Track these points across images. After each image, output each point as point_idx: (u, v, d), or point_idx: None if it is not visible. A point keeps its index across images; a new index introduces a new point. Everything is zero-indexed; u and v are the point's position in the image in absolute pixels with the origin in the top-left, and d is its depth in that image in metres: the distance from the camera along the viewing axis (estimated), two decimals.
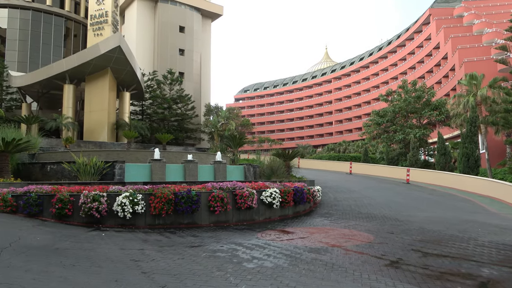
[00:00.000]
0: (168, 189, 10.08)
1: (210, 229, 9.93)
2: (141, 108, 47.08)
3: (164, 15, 52.90)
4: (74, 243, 7.37)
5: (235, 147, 23.37)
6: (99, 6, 38.26)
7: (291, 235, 9.30)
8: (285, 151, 20.44)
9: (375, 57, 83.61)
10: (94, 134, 34.81)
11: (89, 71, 34.04)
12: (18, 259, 5.69)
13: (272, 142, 75.95)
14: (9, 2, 47.90)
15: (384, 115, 37.38)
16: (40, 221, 9.23)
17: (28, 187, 10.02)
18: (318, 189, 14.93)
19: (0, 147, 12.50)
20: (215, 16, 59.77)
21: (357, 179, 26.97)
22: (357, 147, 50.96)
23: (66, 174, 13.70)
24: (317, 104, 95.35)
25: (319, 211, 13.77)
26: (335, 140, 77.01)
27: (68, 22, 52.11)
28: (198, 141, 51.73)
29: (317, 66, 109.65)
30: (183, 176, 15.44)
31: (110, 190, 9.88)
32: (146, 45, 52.68)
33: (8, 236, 7.24)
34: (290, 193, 12.23)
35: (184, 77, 51.80)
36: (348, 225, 10.81)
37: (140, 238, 8.33)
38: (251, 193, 11.13)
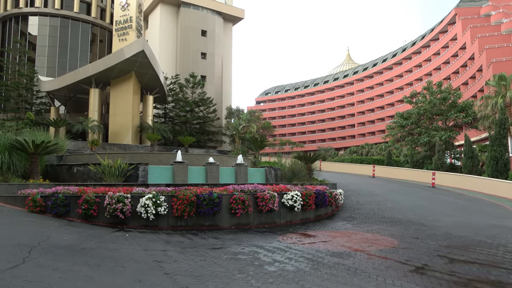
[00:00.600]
0: (190, 191, 10.18)
1: (232, 231, 9.96)
2: (164, 111, 47.81)
3: (186, 20, 53.66)
4: (99, 243, 7.54)
5: (256, 150, 23.38)
6: (123, 12, 39.19)
7: (313, 238, 9.22)
8: (306, 154, 20.30)
9: (398, 58, 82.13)
10: (118, 137, 35.59)
11: (114, 75, 34.86)
12: (46, 258, 5.86)
13: (293, 144, 75.60)
14: (40, 10, 49.76)
15: (409, 117, 36.59)
16: (67, 221, 9.50)
17: (56, 188, 10.33)
18: (340, 192, 14.75)
19: (30, 149, 12.94)
20: (237, 19, 60.17)
21: (380, 183, 26.49)
22: (380, 149, 50.08)
23: (92, 175, 14.05)
24: (339, 106, 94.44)
25: (341, 214, 13.60)
26: (357, 142, 76.01)
27: (94, 28, 53.65)
28: (220, 144, 52.07)
29: (339, 68, 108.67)
30: (205, 178, 15.56)
31: (134, 191, 10.06)
32: (169, 49, 53.55)
33: (37, 235, 7.48)
34: (311, 196, 12.14)
35: (206, 80, 52.32)
36: (371, 229, 10.63)
37: (163, 239, 8.44)
38: (272, 196, 11.10)
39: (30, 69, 42.59)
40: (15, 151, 13.16)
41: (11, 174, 12.76)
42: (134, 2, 38.76)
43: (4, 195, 10.63)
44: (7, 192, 10.73)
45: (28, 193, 10.17)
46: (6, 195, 10.60)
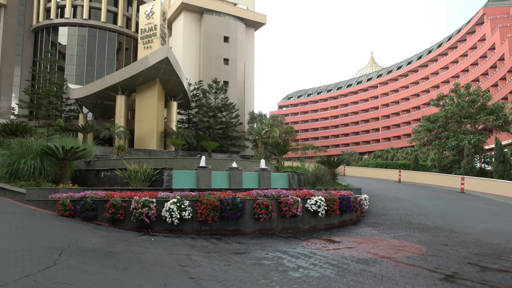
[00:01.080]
0: (214, 196, 10.25)
1: (255, 236, 9.95)
2: (188, 116, 48.48)
3: (209, 26, 54.41)
4: (126, 246, 7.69)
5: (279, 155, 23.33)
6: (148, 20, 40.15)
7: (338, 244, 9.09)
8: (330, 158, 20.08)
9: (424, 60, 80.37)
10: (144, 142, 36.33)
11: (140, 82, 35.67)
12: (76, 261, 6.03)
13: (316, 149, 74.96)
14: (69, 21, 51.70)
15: (435, 121, 35.64)
16: (95, 225, 9.74)
17: (84, 193, 10.62)
18: (365, 198, 14.50)
19: (60, 154, 13.38)
20: (259, 25, 60.52)
21: (407, 188, 25.87)
22: (406, 154, 48.95)
23: (119, 180, 14.38)
24: (363, 110, 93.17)
25: (366, 220, 13.35)
26: (382, 147, 74.65)
27: (120, 36, 55.17)
28: (242, 149, 52.28)
29: (362, 71, 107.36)
30: (228, 183, 15.63)
31: (159, 196, 10.22)
32: (192, 56, 54.38)
33: (67, 238, 7.71)
34: (335, 201, 11.98)
35: (229, 85, 52.78)
36: (398, 236, 10.38)
37: (187, 244, 8.52)
38: (296, 201, 11.03)
39: (60, 78, 44.19)
40: (46, 156, 13.63)
41: (43, 179, 13.21)
42: (158, 11, 39.66)
43: (36, 199, 11.02)
44: (38, 196, 11.12)
45: (58, 198, 10.50)
46: (38, 199, 10.99)
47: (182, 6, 53.79)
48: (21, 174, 12.92)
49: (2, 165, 13.36)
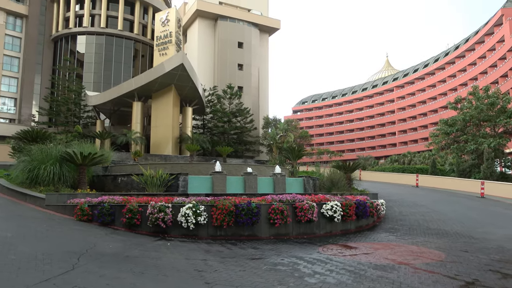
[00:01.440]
0: (229, 201, 10.26)
1: (270, 242, 9.91)
2: (202, 122, 48.84)
3: (223, 32, 54.87)
4: (143, 251, 7.76)
5: (294, 159, 23.25)
6: (164, 28, 40.75)
7: (354, 250, 8.97)
8: (345, 163, 19.89)
9: (441, 63, 79.14)
10: (159, 148, 36.73)
11: (155, 88, 36.16)
12: (94, 265, 6.11)
13: (332, 153, 74.48)
14: (87, 29, 52.93)
15: (453, 124, 34.97)
16: (112, 229, 9.87)
17: (102, 198, 10.78)
18: (382, 203, 14.29)
19: (78, 160, 13.64)
20: (273, 30, 60.71)
21: (425, 193, 25.41)
22: (423, 158, 48.10)
23: (135, 185, 14.55)
24: (379, 114, 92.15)
25: (383, 226, 13.15)
26: (399, 151, 73.60)
27: (136, 44, 56.16)
28: (257, 154, 52.31)
29: (378, 75, 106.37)
30: (243, 188, 15.64)
31: (174, 201, 10.29)
32: (207, 62, 54.89)
33: (85, 243, 7.83)
34: (351, 207, 11.85)
35: (243, 91, 53.02)
36: (416, 242, 10.19)
37: (203, 249, 8.54)
38: (311, 206, 10.95)
39: (78, 85, 45.20)
40: (65, 162, 13.91)
41: (62, 184, 13.48)
42: (173, 18, 40.23)
43: (55, 204, 11.25)
44: (57, 201, 11.34)
45: (76, 203, 10.69)
46: (57, 204, 11.22)
47: (197, 13, 54.45)
48: (41, 179, 13.21)
49: (23, 171, 13.69)
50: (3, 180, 14.39)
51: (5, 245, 6.68)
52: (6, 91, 52.92)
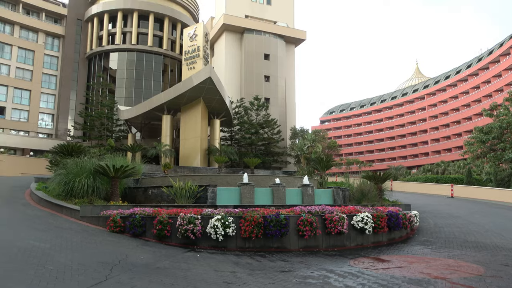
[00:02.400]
0: (257, 213, 10.23)
1: (300, 254, 9.77)
2: (230, 134, 49.27)
3: (249, 45, 55.53)
4: (173, 263, 7.84)
5: (322, 170, 22.97)
6: (191, 43, 41.72)
7: (387, 263, 8.69)
8: (376, 173, 19.44)
9: (474, 69, 76.50)
10: (188, 160, 37.28)
11: (184, 101, 36.90)
12: (126, 276, 6.23)
13: (361, 164, 72.96)
14: (119, 47, 55.08)
15: (489, 132, 33.59)
16: (143, 241, 10.04)
17: (133, 210, 11.02)
18: (415, 214, 13.82)
19: (111, 173, 14.05)
20: (299, 41, 60.86)
21: (460, 203, 24.39)
22: (458, 167, 46.32)
23: (165, 197, 14.80)
24: (410, 122, 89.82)
25: (417, 238, 12.69)
26: (431, 160, 71.27)
27: (165, 59, 57.79)
28: (285, 165, 52.09)
29: (407, 82, 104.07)
30: (271, 199, 15.58)
31: (203, 213, 10.37)
32: (234, 74, 55.60)
33: (117, 254, 8.01)
34: (383, 218, 11.53)
35: (270, 102, 53.22)
36: (453, 255, 9.75)
37: (232, 261, 8.53)
38: (341, 218, 10.75)
39: (110, 100, 46.85)
40: (98, 175, 14.37)
41: (95, 196, 13.91)
42: (201, 33, 41.12)
43: (89, 215, 11.60)
44: (91, 213, 11.70)
45: (109, 214, 10.98)
46: (91, 216, 11.57)
47: (224, 27, 55.47)
48: (76, 192, 13.68)
49: (60, 183, 14.24)
50: (41, 193, 15.01)
51: (43, 256, 6.93)
52: (45, 108, 55.58)
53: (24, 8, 55.59)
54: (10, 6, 54.47)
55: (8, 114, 51.58)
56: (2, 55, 52.25)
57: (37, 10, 56.67)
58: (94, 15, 56.75)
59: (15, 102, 52.52)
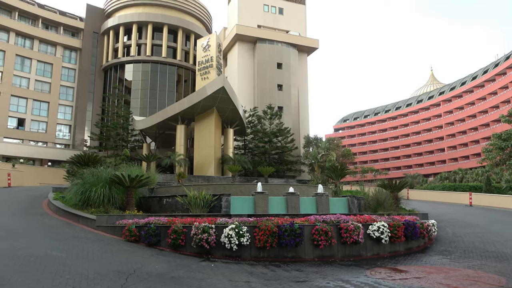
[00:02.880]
0: (272, 222, 10.18)
1: (315, 264, 9.66)
2: (244, 143, 49.39)
3: (262, 55, 55.88)
4: (187, 272, 7.84)
5: (336, 179, 22.75)
6: (205, 53, 42.24)
7: (405, 274, 8.52)
8: (391, 182, 19.16)
9: (490, 74, 75.19)
10: (202, 169, 37.47)
11: (198, 111, 37.24)
12: (141, 285, 6.25)
13: (376, 172, 72.08)
14: (134, 58, 56.20)
15: (508, 138, 32.86)
16: (158, 250, 10.08)
17: (148, 219, 11.09)
18: (433, 223, 13.53)
19: (126, 182, 14.20)
20: (311, 50, 60.98)
21: (479, 212, 23.80)
22: (476, 175, 45.25)
23: (179, 206, 14.87)
24: (425, 129, 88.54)
25: (435, 248, 12.41)
26: (448, 168, 69.94)
27: (179, 69, 58.65)
28: (299, 173, 51.86)
29: (422, 89, 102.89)
30: (285, 208, 15.48)
31: (217, 222, 10.37)
32: (247, 83, 55.93)
33: (133, 263, 8.05)
34: (400, 227, 11.32)
35: (283, 111, 53.26)
36: (472, 265, 9.50)
37: (246, 270, 8.48)
38: (356, 227, 10.60)
39: (126, 111, 47.64)
40: (114, 184, 14.54)
41: (111, 206, 14.06)
42: (214, 43, 41.62)
43: (105, 225, 11.73)
44: (107, 222, 11.82)
45: (124, 224, 11.08)
46: (106, 225, 11.69)
47: (236, 37, 56.01)
48: (92, 201, 13.86)
49: (76, 193, 14.45)
50: (59, 202, 15.26)
51: (60, 265, 7.03)
52: (62, 119, 56.84)
53: (44, 23, 57.28)
54: (30, 22, 56.21)
55: (27, 126, 52.89)
56: (22, 68, 53.83)
57: (56, 24, 58.32)
58: (110, 28, 58.12)
59: (34, 113, 53.87)
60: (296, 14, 61.42)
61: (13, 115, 51.98)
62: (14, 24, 53.30)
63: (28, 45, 55.35)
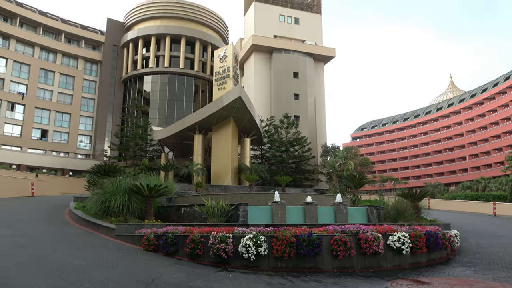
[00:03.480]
0: (289, 232, 10.10)
1: (334, 275, 9.51)
2: (260, 152, 49.39)
3: (278, 64, 56.10)
4: (205, 282, 7.84)
5: (355, 188, 22.47)
6: (222, 64, 42.71)
7: (427, 286, 8.29)
8: (411, 191, 18.79)
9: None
10: (220, 178, 37.59)
11: (215, 121, 37.54)
12: None
13: (396, 181, 70.83)
14: (152, 70, 57.35)
15: None
16: (176, 259, 10.12)
17: (166, 228, 11.17)
18: (456, 234, 13.17)
19: (145, 192, 14.39)
20: (328, 58, 60.87)
21: (504, 222, 23.03)
22: (500, 184, 43.96)
23: (197, 216, 14.94)
24: (446, 138, 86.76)
25: (458, 259, 12.06)
26: (470, 177, 68.13)
27: (196, 80, 59.47)
28: (316, 182, 51.42)
29: (441, 97, 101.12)
30: (303, 218, 15.36)
31: (235, 231, 10.35)
32: (263, 93, 56.13)
33: (151, 272, 8.11)
34: (421, 238, 11.06)
35: (300, 120, 53.13)
36: (498, 277, 9.18)
37: (264, 281, 8.42)
38: (376, 237, 10.41)
39: (144, 121, 48.46)
40: (133, 194, 14.75)
41: (130, 215, 14.24)
42: (230, 54, 42.06)
43: (124, 234, 11.87)
44: (126, 231, 11.96)
45: (143, 233, 11.19)
46: (126, 234, 11.83)
47: (253, 47, 56.47)
48: (112, 210, 14.07)
49: (96, 202, 14.72)
50: (79, 212, 15.56)
51: (81, 274, 7.14)
52: (83, 130, 58.16)
53: (66, 37, 59.12)
54: (54, 36, 58.13)
55: (50, 137, 54.32)
56: (46, 81, 55.53)
57: (78, 38, 60.11)
58: (129, 41, 59.55)
59: (57, 125, 55.32)
60: (312, 24, 61.56)
61: (36, 126, 53.50)
62: (39, 39, 55.20)
63: (51, 58, 57.14)
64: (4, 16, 53.30)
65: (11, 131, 50.99)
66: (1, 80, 51.02)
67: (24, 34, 53.89)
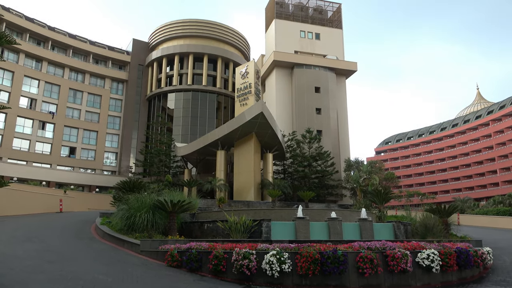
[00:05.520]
0: (314, 248, 9.92)
1: None
2: (283, 167, 49.16)
3: (300, 79, 56.24)
4: None
5: (380, 203, 21.94)
6: (243, 80, 43.22)
7: None
8: (440, 206, 18.19)
9: None
10: (242, 194, 37.58)
11: (237, 137, 37.78)
12: None
13: (423, 196, 68.76)
14: (176, 87, 58.73)
15: None
16: (199, 276, 10.10)
17: (189, 244, 11.19)
18: (488, 251, 12.60)
19: (169, 207, 14.53)
20: (349, 72, 60.59)
21: None
22: None
23: (220, 231, 14.91)
24: (474, 151, 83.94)
25: (491, 278, 11.50)
26: (502, 191, 65.37)
27: (219, 97, 60.37)
28: (340, 198, 50.57)
29: (468, 109, 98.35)
30: (327, 234, 15.06)
31: (258, 248, 10.24)
32: (285, 108, 56.23)
33: None
34: (452, 255, 10.63)
35: (322, 134, 52.76)
36: None
37: None
38: (404, 255, 10.08)
39: (168, 138, 49.31)
40: (157, 210, 14.91)
41: (154, 231, 14.37)
42: (252, 70, 42.55)
43: (148, 250, 11.97)
44: (150, 247, 12.07)
45: (167, 249, 11.25)
46: (150, 250, 11.93)
47: (274, 63, 56.95)
48: (136, 226, 14.25)
49: (122, 218, 14.95)
50: (105, 227, 15.84)
51: None
52: (110, 147, 59.71)
53: (94, 58, 61.47)
54: (82, 58, 60.57)
55: (78, 154, 56.02)
56: (74, 100, 57.65)
57: (105, 59, 62.36)
58: (153, 60, 61.33)
59: (84, 142, 57.06)
60: (333, 39, 61.67)
61: (65, 144, 55.35)
62: (69, 60, 57.64)
63: (80, 78, 59.40)
64: (38, 40, 56.06)
65: (42, 149, 52.90)
66: (33, 100, 53.32)
67: (55, 56, 56.41)
